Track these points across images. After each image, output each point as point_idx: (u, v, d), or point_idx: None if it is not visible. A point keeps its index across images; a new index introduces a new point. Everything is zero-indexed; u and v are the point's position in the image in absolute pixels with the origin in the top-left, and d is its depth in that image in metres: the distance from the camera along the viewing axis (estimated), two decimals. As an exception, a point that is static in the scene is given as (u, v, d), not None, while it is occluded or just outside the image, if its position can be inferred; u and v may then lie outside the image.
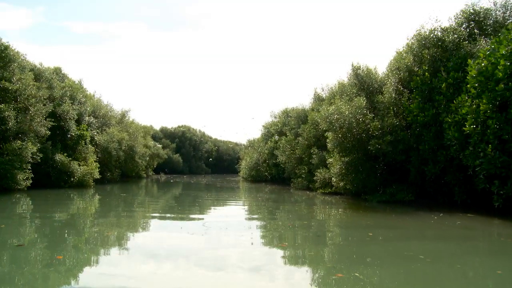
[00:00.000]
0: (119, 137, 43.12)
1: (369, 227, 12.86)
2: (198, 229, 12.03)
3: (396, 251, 9.25)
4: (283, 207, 20.85)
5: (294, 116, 39.45)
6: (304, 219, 15.57)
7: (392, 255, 8.89)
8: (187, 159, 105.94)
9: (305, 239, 10.76)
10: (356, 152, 22.43)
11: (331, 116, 22.16)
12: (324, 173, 27.72)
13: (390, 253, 9.08)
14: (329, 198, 24.92)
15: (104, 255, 8.63)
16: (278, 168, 43.12)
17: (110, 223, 13.67)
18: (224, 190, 38.33)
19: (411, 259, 8.19)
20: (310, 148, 32.70)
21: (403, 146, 20.55)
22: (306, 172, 32.70)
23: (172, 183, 51.10)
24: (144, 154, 51.56)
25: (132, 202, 22.95)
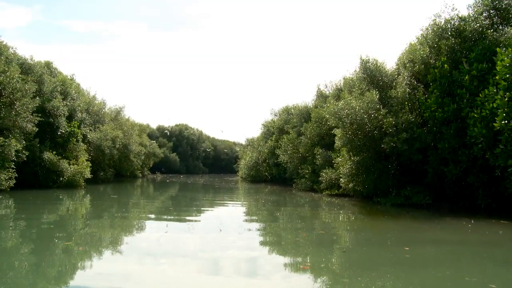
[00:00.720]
0: (113, 134, 41.24)
1: (401, 241, 10.83)
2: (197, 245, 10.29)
3: (466, 284, 6.81)
4: (291, 212, 19.05)
5: (296, 114, 37.69)
6: (318, 226, 13.81)
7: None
8: (184, 158, 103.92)
9: (329, 257, 8.91)
10: (367, 150, 20.70)
11: (341, 112, 20.42)
12: (330, 174, 25.98)
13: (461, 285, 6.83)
14: (337, 200, 23.19)
15: (87, 267, 7.43)
16: (279, 168, 41.35)
17: (100, 227, 11.96)
18: (223, 191, 36.59)
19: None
20: (314, 147, 30.96)
21: (420, 145, 18.84)
22: (310, 172, 30.96)
23: (168, 183, 49.28)
24: (140, 153, 49.62)
25: (122, 205, 21.14)
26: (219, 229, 11.68)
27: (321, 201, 23.48)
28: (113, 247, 9.56)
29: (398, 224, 14.25)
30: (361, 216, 16.54)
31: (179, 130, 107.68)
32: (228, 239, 10.44)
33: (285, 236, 11.41)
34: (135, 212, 17.97)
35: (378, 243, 10.40)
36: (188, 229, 12.04)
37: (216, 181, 57.55)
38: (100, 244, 9.84)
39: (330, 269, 7.76)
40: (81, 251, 8.72)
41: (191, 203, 23.78)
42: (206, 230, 11.80)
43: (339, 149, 26.13)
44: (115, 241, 10.43)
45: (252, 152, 52.03)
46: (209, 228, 12.21)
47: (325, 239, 10.85)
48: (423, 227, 13.57)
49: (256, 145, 51.24)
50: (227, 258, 8.39)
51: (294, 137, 34.64)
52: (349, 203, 21.43)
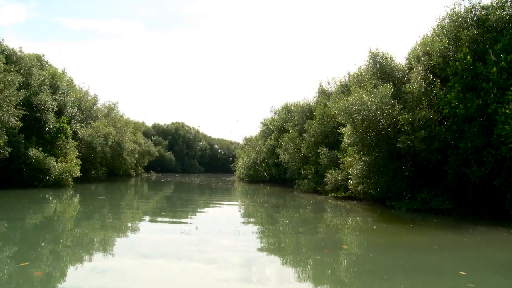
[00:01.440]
0: (106, 131, 39.38)
1: (450, 263, 8.40)
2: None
3: None
4: (301, 218, 17.28)
5: (297, 111, 35.94)
6: (336, 238, 11.96)
7: None
8: (180, 157, 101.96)
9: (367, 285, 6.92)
10: (379, 150, 19.01)
11: (351, 107, 18.69)
12: (336, 175, 24.26)
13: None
14: (345, 204, 21.48)
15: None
16: (279, 168, 39.61)
17: (79, 236, 10.20)
18: (220, 192, 34.85)
19: None
20: (318, 146, 29.26)
21: (439, 144, 17.13)
22: (313, 173, 29.24)
23: (162, 183, 47.44)
24: (133, 151, 47.71)
25: (111, 207, 19.34)
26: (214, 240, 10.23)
27: (326, 205, 21.76)
28: (100, 257, 8.40)
29: (429, 236, 12.14)
30: (380, 224, 14.56)
31: (175, 129, 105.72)
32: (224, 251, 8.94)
33: (305, 254, 9.35)
34: (124, 217, 16.16)
35: (425, 267, 7.94)
36: (182, 236, 10.31)
37: (212, 181, 55.73)
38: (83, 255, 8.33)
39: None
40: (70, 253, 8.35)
41: (186, 204, 21.99)
42: (201, 239, 10.25)
43: (346, 148, 24.47)
44: (102, 251, 8.89)
45: (250, 151, 50.22)
46: (204, 236, 10.74)
47: (353, 260, 8.99)
48: (463, 241, 11.27)
49: (255, 144, 49.44)
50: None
51: (296, 136, 32.91)
52: (359, 207, 19.72)
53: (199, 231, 11.25)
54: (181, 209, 19.51)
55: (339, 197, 23.71)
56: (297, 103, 39.03)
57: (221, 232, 11.77)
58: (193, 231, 11.13)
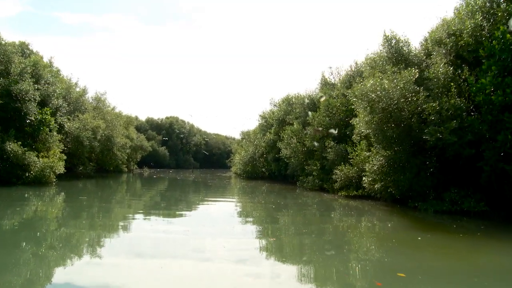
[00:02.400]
0: (94, 124, 36.78)
1: None
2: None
3: None
4: (320, 227, 14.97)
5: (299, 103, 33.56)
6: (375, 256, 9.56)
7: None
8: (174, 152, 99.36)
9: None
10: (401, 143, 16.69)
11: (370, 94, 16.33)
12: (346, 171, 21.93)
13: None
14: (357, 204, 19.19)
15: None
16: (279, 164, 37.25)
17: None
18: (217, 190, 32.55)
19: None
20: (324, 140, 26.93)
21: (473, 136, 14.84)
22: (318, 169, 26.91)
23: (155, 180, 44.97)
24: (124, 146, 45.05)
25: (87, 212, 16.93)
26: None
27: (337, 205, 19.45)
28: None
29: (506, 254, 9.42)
30: (422, 234, 11.57)
31: (170, 123, 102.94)
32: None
33: (350, 284, 6.96)
34: (105, 228, 13.77)
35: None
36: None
37: (208, 177, 53.30)
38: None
39: None
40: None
41: (179, 206, 19.64)
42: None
43: (357, 141, 22.18)
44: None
45: (248, 146, 47.76)
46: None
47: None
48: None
49: (253, 138, 47.00)
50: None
51: (299, 129, 30.53)
52: (376, 208, 17.43)
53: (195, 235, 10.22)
54: (172, 216, 17.12)
55: (351, 196, 21.37)
56: (299, 95, 36.71)
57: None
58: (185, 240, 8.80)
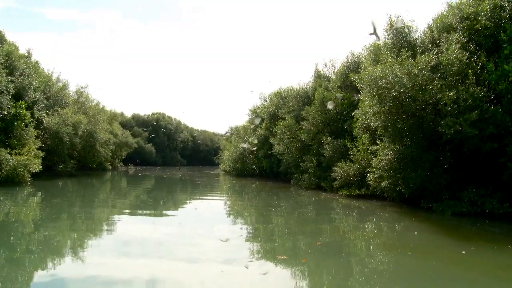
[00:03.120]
0: (75, 119, 34.56)
1: None
2: None
3: None
4: (332, 238, 13.30)
5: (293, 96, 31.86)
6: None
7: None
8: (161, 149, 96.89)
9: None
10: (413, 136, 15.10)
11: (379, 81, 14.67)
12: (347, 168, 20.29)
13: None
14: (359, 204, 17.60)
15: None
16: (270, 161, 35.52)
17: None
18: (205, 188, 30.74)
19: None
20: (320, 135, 25.29)
21: (495, 129, 13.30)
22: (315, 166, 25.26)
23: (140, 178, 42.91)
24: (108, 142, 42.75)
25: (61, 215, 15.04)
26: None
27: (340, 206, 17.84)
28: None
29: None
30: (465, 247, 9.52)
31: (156, 119, 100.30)
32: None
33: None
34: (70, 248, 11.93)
35: None
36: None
37: (195, 175, 51.37)
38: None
39: None
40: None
41: (165, 208, 17.82)
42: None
43: (358, 136, 20.59)
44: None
45: (237, 141, 45.91)
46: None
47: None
48: None
49: (242, 134, 45.19)
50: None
51: (293, 123, 28.83)
52: (386, 210, 15.85)
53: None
54: (158, 215, 15.31)
55: (353, 195, 19.73)
56: (291, 88, 35.02)
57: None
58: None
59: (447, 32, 16.88)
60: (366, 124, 18.64)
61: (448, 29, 17.16)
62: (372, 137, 19.42)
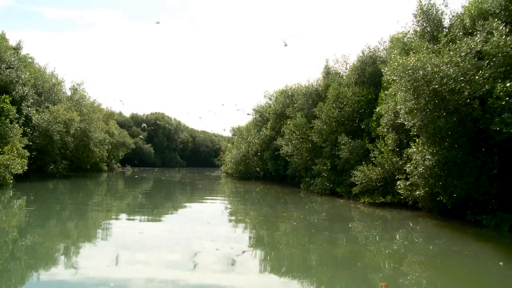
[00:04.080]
0: (67, 117, 32.19)
1: None
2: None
3: None
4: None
5: (302, 93, 29.49)
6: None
7: None
8: (160, 150, 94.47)
9: None
10: (455, 137, 12.72)
11: (415, 73, 12.30)
12: (370, 172, 17.91)
13: None
14: (388, 214, 15.19)
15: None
16: (276, 163, 33.13)
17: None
18: (205, 193, 28.36)
19: None
20: (334, 135, 22.95)
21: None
22: (328, 170, 22.88)
23: (137, 180, 40.52)
24: (103, 141, 40.28)
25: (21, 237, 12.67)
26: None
27: (361, 215, 15.46)
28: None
29: None
30: None
31: (155, 119, 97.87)
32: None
33: None
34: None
35: None
36: None
37: (196, 177, 48.96)
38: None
39: None
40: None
41: (160, 213, 15.43)
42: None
43: (382, 135, 18.26)
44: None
45: (240, 143, 43.53)
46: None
47: None
48: None
49: (246, 134, 42.79)
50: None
51: (303, 122, 26.45)
52: (423, 222, 13.45)
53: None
54: (156, 218, 12.92)
55: (377, 203, 17.33)
56: (299, 85, 32.72)
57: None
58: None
59: (485, 19, 14.60)
60: (393, 122, 16.30)
61: (485, 15, 14.93)
62: (399, 137, 17.08)
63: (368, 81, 24.83)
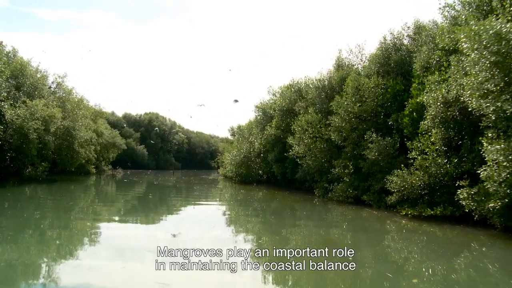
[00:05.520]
0: (46, 113, 28.43)
1: None
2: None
3: None
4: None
5: (314, 86, 25.98)
6: None
7: None
8: (154, 151, 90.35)
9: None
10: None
11: (496, 45, 8.75)
12: (412, 178, 14.33)
13: None
14: (442, 232, 11.64)
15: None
16: (283, 165, 29.50)
17: None
18: (204, 198, 24.80)
19: None
20: (356, 133, 19.47)
21: None
22: (351, 174, 19.31)
23: (126, 184, 36.77)
24: (88, 141, 36.27)
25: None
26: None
27: (408, 234, 11.93)
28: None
29: None
30: None
31: (149, 120, 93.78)
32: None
33: None
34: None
35: None
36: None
37: (191, 181, 45.27)
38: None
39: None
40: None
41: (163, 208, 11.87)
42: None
43: (423, 132, 14.73)
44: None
45: (241, 143, 39.80)
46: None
47: None
48: None
49: (247, 134, 39.13)
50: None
51: (318, 119, 22.86)
52: (496, 245, 9.93)
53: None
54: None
55: (422, 216, 13.73)
56: (309, 78, 29.34)
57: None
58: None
59: None
60: (444, 115, 12.79)
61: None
62: (448, 134, 13.55)
63: (394, 71, 21.39)
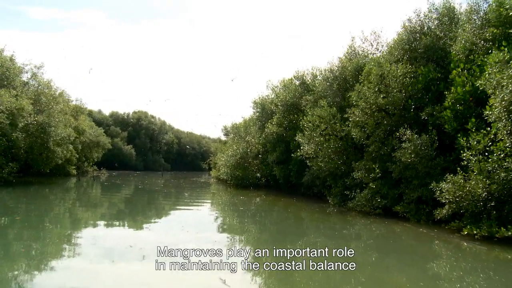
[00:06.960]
0: (14, 105, 24.56)
1: None
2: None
3: None
4: None
5: (325, 77, 22.56)
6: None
7: None
8: (142, 152, 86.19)
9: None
10: None
11: None
12: (471, 186, 10.86)
13: None
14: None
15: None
16: (286, 167, 25.96)
17: None
18: (202, 204, 21.27)
19: None
20: (381, 129, 16.05)
21: None
22: (377, 179, 15.82)
23: (107, 188, 32.94)
24: (65, 139, 32.15)
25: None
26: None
27: (475, 263, 8.49)
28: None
29: None
30: None
31: (137, 119, 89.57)
32: None
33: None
34: None
35: None
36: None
37: (182, 184, 41.45)
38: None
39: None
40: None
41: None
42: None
43: (485, 126, 11.32)
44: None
45: (236, 143, 36.15)
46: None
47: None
48: None
49: (243, 133, 35.51)
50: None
51: (333, 113, 19.33)
52: None
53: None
54: None
55: (497, 238, 10.24)
56: (317, 68, 26.00)
57: None
58: None
59: None
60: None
61: None
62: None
63: (424, 57, 18.02)
